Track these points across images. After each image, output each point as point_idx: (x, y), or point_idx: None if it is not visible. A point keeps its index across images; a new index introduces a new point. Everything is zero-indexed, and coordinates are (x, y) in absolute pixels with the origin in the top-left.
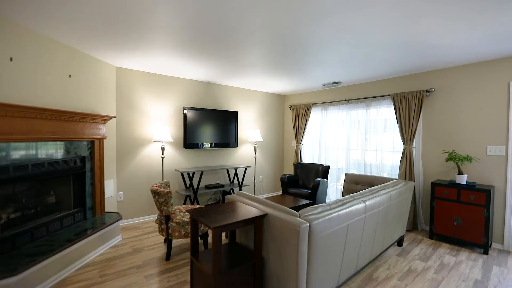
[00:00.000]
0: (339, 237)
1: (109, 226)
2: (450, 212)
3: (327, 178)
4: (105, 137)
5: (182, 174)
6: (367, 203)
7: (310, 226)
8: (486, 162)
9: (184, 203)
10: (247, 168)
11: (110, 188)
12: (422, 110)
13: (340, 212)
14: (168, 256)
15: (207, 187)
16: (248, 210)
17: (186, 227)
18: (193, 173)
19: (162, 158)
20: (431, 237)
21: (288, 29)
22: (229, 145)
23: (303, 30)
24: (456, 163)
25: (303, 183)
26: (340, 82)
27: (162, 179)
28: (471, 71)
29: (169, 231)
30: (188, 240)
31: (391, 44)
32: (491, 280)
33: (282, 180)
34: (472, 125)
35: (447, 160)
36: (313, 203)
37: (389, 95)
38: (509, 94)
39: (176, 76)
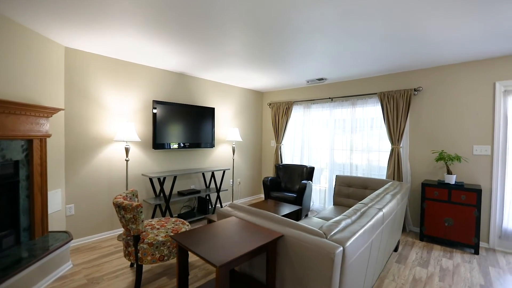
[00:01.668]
0: (364, 257)
1: (54, 251)
2: (441, 213)
3: (311, 180)
4: (49, 135)
5: (151, 179)
6: (384, 211)
7: (344, 250)
8: (472, 161)
9: (154, 215)
10: (225, 171)
11: (56, 200)
12: (410, 109)
13: (366, 226)
14: (137, 286)
15: (180, 193)
16: (254, 230)
17: (162, 248)
18: (164, 178)
19: (127, 161)
20: (421, 239)
21: (271, 14)
22: (205, 145)
23: (287, 16)
24: (446, 162)
25: (285, 186)
26: (325, 79)
27: (127, 187)
28: (458, 70)
29: (139, 255)
30: (163, 263)
31: (382, 36)
32: (494, 283)
33: (264, 183)
34: (459, 124)
35: (437, 160)
36: (301, 209)
37: (375, 94)
38: (494, 94)
39: (144, 64)
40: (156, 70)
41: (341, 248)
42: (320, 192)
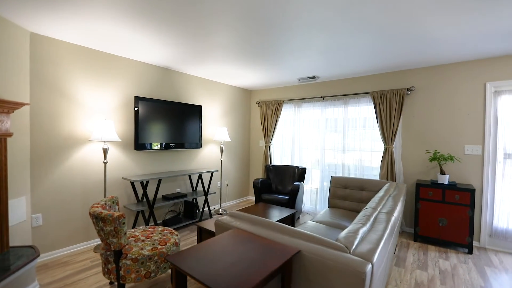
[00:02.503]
0: (384, 269)
1: (16, 272)
2: (435, 213)
3: (303, 181)
4: (10, 134)
5: (132, 183)
6: (395, 215)
7: (372, 266)
8: (464, 161)
9: (135, 222)
10: (214, 173)
11: (19, 209)
12: (402, 109)
13: (385, 234)
14: None
15: (165, 198)
16: (264, 245)
17: (148, 263)
18: (147, 181)
19: (105, 163)
20: (415, 240)
21: (263, 4)
22: (192, 145)
23: (281, 8)
24: (439, 162)
25: (276, 188)
26: (317, 77)
27: (105, 193)
28: (450, 71)
29: (121, 272)
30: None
31: (377, 31)
32: (493, 284)
33: (255, 185)
34: (450, 124)
35: (431, 160)
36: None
37: (368, 93)
38: (485, 94)
39: (125, 56)
40: (139, 63)
41: (370, 265)
42: (311, 193)
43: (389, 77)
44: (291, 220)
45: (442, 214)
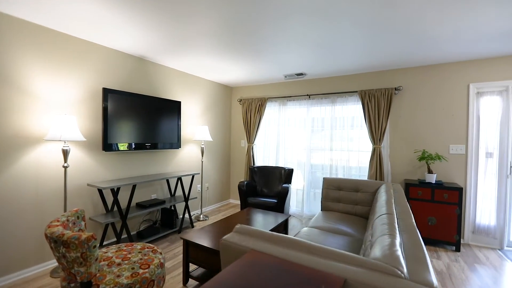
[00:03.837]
0: None
1: None
2: (424, 212)
3: (290, 183)
4: None
5: (100, 191)
6: (412, 220)
7: None
8: (449, 160)
9: (104, 237)
10: (194, 176)
11: None
12: (391, 109)
13: (423, 245)
14: None
15: (140, 206)
16: (296, 273)
17: None
18: (118, 188)
19: (65, 167)
20: None
21: None
22: (170, 145)
23: None
24: (427, 162)
25: (262, 190)
26: (305, 74)
27: (65, 204)
28: (436, 71)
29: None
30: None
31: (367, 23)
32: (489, 282)
33: (240, 188)
34: (436, 124)
35: (420, 159)
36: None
37: (356, 92)
38: (468, 95)
39: (92, 41)
40: (109, 50)
41: None
42: (297, 195)
43: (377, 76)
44: (284, 226)
45: (431, 213)
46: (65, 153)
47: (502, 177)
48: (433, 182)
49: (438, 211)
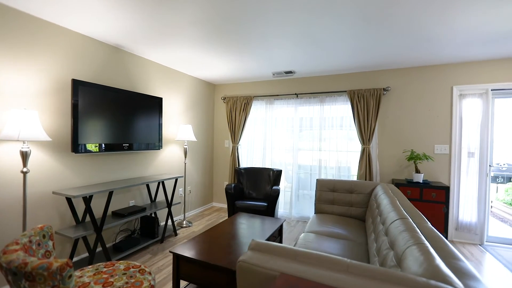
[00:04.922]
0: None
1: None
2: None
3: (278, 185)
4: None
5: (69, 199)
6: (428, 225)
7: None
8: (434, 160)
9: (74, 253)
10: (178, 179)
11: None
12: (379, 109)
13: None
14: None
15: (116, 215)
16: None
17: None
18: (91, 196)
19: (24, 173)
20: None
21: None
22: (151, 146)
23: None
24: (415, 162)
25: (249, 193)
26: (294, 72)
27: (25, 218)
28: (423, 73)
29: None
30: None
31: (360, 18)
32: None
33: (227, 191)
34: (422, 125)
35: (408, 159)
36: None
37: (345, 91)
38: (452, 97)
39: (58, 23)
40: (79, 35)
41: None
42: (285, 197)
43: (366, 76)
44: (278, 231)
45: (421, 212)
46: (24, 156)
47: (482, 176)
48: (421, 181)
49: (427, 210)
